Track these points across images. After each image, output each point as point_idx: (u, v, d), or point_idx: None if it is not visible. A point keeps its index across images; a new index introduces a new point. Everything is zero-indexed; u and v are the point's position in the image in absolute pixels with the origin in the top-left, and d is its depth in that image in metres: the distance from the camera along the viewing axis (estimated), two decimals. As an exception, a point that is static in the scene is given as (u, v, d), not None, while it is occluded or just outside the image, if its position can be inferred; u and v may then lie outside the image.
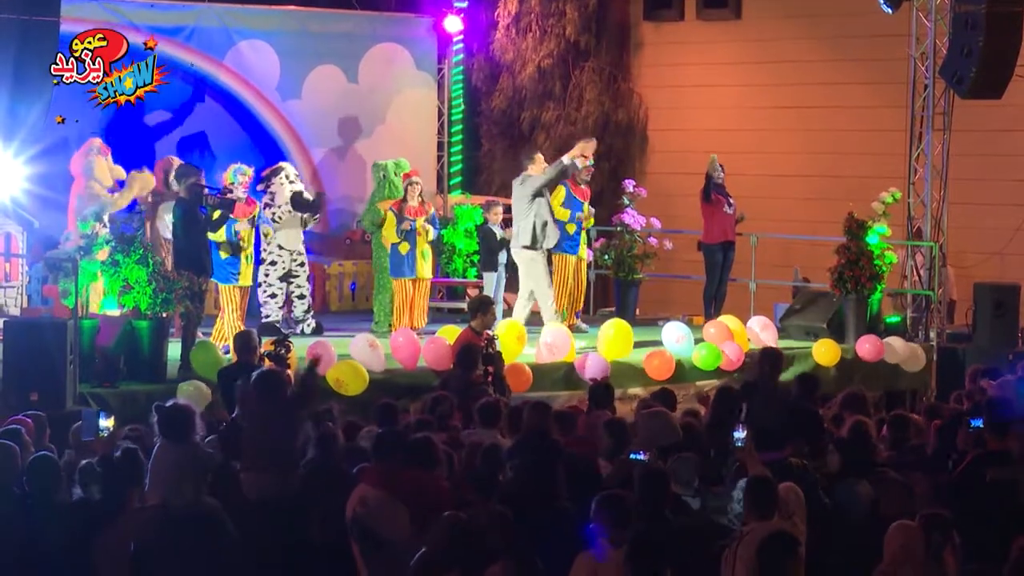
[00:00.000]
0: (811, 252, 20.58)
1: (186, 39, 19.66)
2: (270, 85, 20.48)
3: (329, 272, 20.63)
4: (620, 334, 16.24)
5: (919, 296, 19.28)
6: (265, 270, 17.17)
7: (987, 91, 18.10)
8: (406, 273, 17.37)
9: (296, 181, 17.51)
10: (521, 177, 17.71)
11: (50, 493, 9.03)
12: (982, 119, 20.07)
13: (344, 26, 21.21)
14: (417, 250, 17.41)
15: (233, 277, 16.17)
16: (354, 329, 16.92)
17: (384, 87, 21.39)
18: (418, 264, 17.42)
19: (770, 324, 17.76)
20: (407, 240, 17.36)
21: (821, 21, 23.25)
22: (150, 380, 14.04)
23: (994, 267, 20.50)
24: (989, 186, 21.16)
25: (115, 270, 14.39)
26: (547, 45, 24.73)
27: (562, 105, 24.92)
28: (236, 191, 16.27)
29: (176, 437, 9.45)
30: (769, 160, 23.31)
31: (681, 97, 24.75)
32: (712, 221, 18.77)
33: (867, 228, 18.21)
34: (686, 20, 24.85)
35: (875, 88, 22.31)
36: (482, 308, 14.71)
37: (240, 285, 16.20)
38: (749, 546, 8.22)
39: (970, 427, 10.74)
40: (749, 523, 8.64)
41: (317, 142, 20.94)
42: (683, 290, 21.68)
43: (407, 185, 17.64)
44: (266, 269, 17.18)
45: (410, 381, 14.77)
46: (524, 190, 17.51)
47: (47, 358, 13.13)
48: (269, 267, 17.18)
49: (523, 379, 15.02)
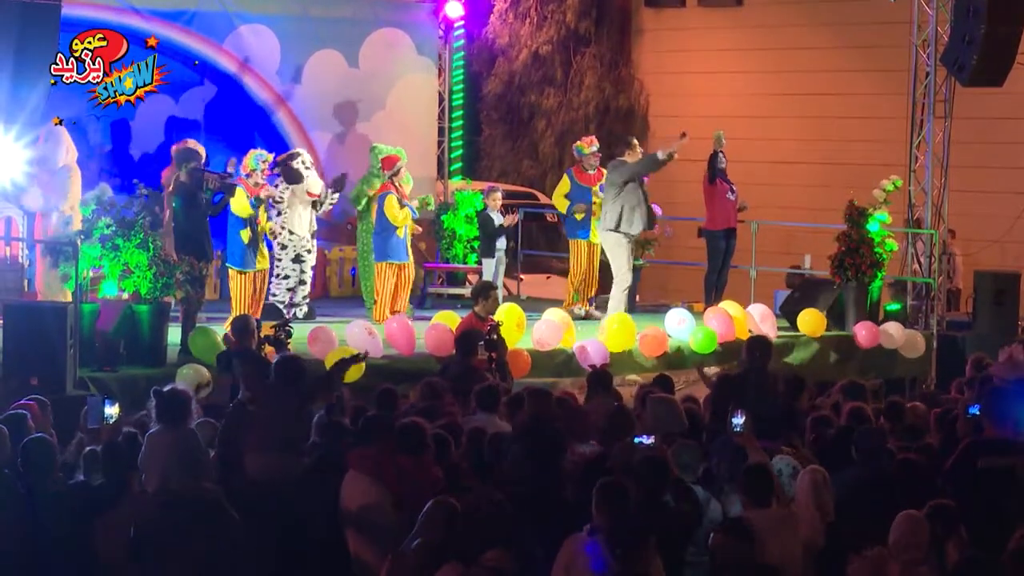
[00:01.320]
0: (812, 239, 20.59)
1: (187, 23, 19.62)
2: (271, 69, 20.45)
3: (330, 257, 20.62)
4: (623, 327, 16.23)
5: (919, 284, 19.29)
6: (277, 254, 17.21)
7: (988, 79, 18.11)
8: (394, 257, 17.38)
9: (311, 167, 17.54)
10: (615, 162, 17.71)
11: (44, 476, 9.02)
12: (983, 107, 20.08)
13: (345, 10, 21.18)
14: (407, 235, 17.48)
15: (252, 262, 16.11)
16: (355, 315, 16.91)
17: (385, 72, 21.35)
18: (408, 249, 17.52)
19: (769, 312, 17.76)
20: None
21: (822, 8, 23.25)
22: (150, 364, 14.02)
23: (994, 255, 20.51)
24: (990, 174, 21.19)
25: (115, 254, 14.39)
26: (546, 31, 24.74)
27: (563, 91, 24.94)
28: (255, 177, 16.15)
29: (172, 422, 9.49)
30: (770, 147, 23.32)
31: (682, 84, 24.76)
32: (714, 208, 18.74)
33: (868, 216, 18.20)
34: (687, 6, 24.86)
35: (876, 75, 22.33)
36: (484, 293, 14.70)
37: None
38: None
39: (968, 415, 10.74)
40: (747, 509, 8.67)
41: (318, 126, 20.90)
42: (684, 277, 21.70)
43: (396, 170, 17.64)
44: (278, 253, 17.22)
45: (409, 367, 14.76)
46: (616, 176, 17.50)
47: (47, 342, 13.12)
48: (280, 251, 17.24)
49: (523, 365, 15.03)
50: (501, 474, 9.41)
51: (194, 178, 15.30)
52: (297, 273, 17.38)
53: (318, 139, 20.87)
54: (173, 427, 9.50)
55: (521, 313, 15.86)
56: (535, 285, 21.65)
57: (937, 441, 11.12)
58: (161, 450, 9.35)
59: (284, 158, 17.40)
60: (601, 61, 25.06)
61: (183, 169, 15.47)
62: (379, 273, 17.51)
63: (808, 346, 17.44)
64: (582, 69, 24.93)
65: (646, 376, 15.21)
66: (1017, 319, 18.85)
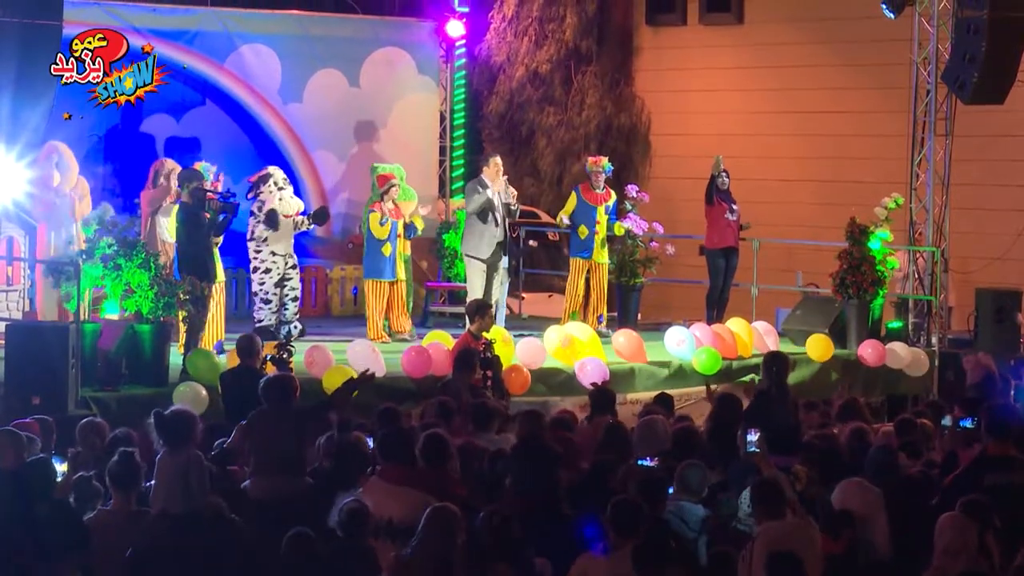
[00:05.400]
0: (813, 257, 20.59)
1: (188, 43, 19.67)
2: (272, 89, 20.48)
3: (331, 276, 20.62)
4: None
5: (921, 301, 19.28)
6: (260, 278, 17.05)
7: (989, 96, 18.13)
8: (386, 275, 17.39)
9: (285, 186, 17.32)
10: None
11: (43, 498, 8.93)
12: (984, 124, 20.08)
13: (346, 30, 21.22)
14: (397, 252, 17.47)
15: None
16: (355, 334, 16.89)
17: (386, 91, 21.38)
18: (397, 266, 17.50)
19: (772, 329, 17.76)
20: (389, 242, 17.43)
21: (823, 26, 23.26)
22: (152, 384, 14.02)
23: (995, 272, 20.50)
24: (991, 191, 21.18)
25: (117, 274, 14.40)
26: (547, 50, 24.76)
27: (563, 109, 24.95)
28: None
29: (177, 445, 9.37)
30: (771, 165, 23.32)
31: (683, 102, 24.77)
32: (713, 227, 18.78)
33: (869, 233, 18.22)
34: (688, 24, 24.88)
35: (877, 93, 22.34)
36: (480, 312, 14.71)
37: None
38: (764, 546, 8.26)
39: (958, 427, 10.70)
40: (761, 523, 8.67)
41: (319, 146, 20.92)
42: (685, 295, 21.68)
43: (387, 187, 17.67)
44: (261, 277, 17.05)
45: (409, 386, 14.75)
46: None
47: (49, 362, 13.12)
48: (264, 275, 17.05)
49: (522, 383, 15.02)
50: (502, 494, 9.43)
51: (196, 198, 15.30)
52: (278, 296, 17.21)
53: (319, 158, 20.89)
54: (177, 450, 9.39)
55: (503, 331, 15.81)
56: (537, 303, 21.65)
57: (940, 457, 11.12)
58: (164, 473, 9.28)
59: (256, 180, 17.22)
60: (602, 79, 25.07)
61: (185, 189, 15.47)
62: (369, 290, 17.55)
63: (810, 364, 17.43)
64: (583, 87, 24.94)
65: (646, 393, 15.23)
66: (1019, 336, 18.84)
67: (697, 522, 9.23)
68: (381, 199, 17.62)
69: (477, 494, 9.51)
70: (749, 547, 8.47)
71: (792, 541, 8.40)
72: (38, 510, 8.75)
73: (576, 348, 15.94)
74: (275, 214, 16.91)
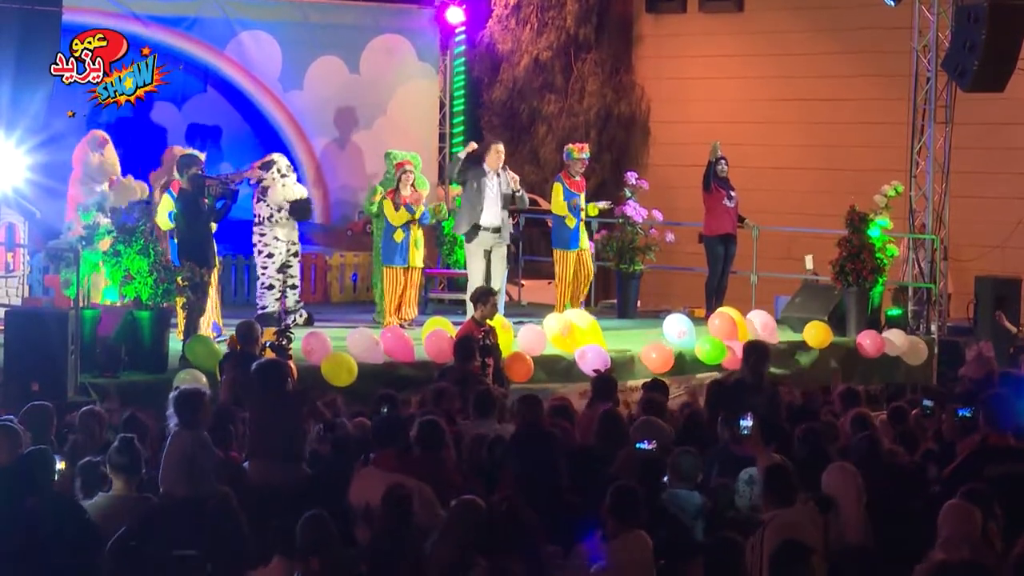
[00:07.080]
0: (813, 245, 20.58)
1: (187, 29, 19.66)
2: (272, 76, 20.47)
3: (331, 263, 20.62)
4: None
5: (920, 289, 19.28)
6: (263, 262, 17.10)
7: (989, 84, 18.12)
8: (397, 261, 17.38)
9: (289, 173, 17.34)
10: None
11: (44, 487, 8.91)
12: (984, 112, 20.07)
13: (346, 17, 21.20)
14: (411, 239, 17.44)
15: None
16: (355, 320, 16.88)
17: (386, 78, 21.37)
18: (411, 253, 17.46)
19: (770, 318, 17.76)
20: (402, 228, 17.40)
21: (823, 13, 23.25)
22: (151, 371, 14.03)
23: (995, 260, 20.50)
24: (991, 179, 21.17)
25: (117, 260, 14.40)
26: (547, 37, 24.74)
27: (564, 97, 24.94)
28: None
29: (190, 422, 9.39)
30: (771, 153, 23.31)
31: (683, 89, 24.76)
32: (711, 214, 18.80)
33: (869, 221, 18.22)
34: (688, 12, 24.86)
35: (877, 81, 22.32)
36: (482, 299, 14.71)
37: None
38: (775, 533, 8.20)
39: (956, 416, 10.69)
40: (769, 511, 8.63)
41: (319, 133, 20.92)
42: (684, 282, 21.69)
43: (400, 174, 17.65)
44: (264, 261, 17.10)
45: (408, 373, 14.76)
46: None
47: (48, 348, 13.11)
48: (267, 259, 17.09)
49: (524, 370, 15.02)
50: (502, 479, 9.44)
51: (196, 184, 15.29)
52: (281, 282, 17.23)
53: (319, 145, 20.89)
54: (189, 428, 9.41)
55: (501, 317, 15.81)
56: (536, 291, 21.65)
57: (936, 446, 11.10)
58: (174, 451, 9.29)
59: (260, 166, 17.23)
60: (602, 67, 25.05)
61: (184, 176, 15.45)
62: (383, 276, 17.55)
63: (809, 352, 17.43)
64: (583, 75, 24.92)
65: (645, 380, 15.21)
66: (1019, 324, 18.84)
67: (693, 509, 9.22)
68: (396, 186, 17.60)
69: (474, 481, 9.50)
70: (759, 534, 8.37)
71: (802, 529, 8.38)
72: (36, 504, 8.73)
73: (575, 336, 15.94)
74: (306, 202, 17.01)
